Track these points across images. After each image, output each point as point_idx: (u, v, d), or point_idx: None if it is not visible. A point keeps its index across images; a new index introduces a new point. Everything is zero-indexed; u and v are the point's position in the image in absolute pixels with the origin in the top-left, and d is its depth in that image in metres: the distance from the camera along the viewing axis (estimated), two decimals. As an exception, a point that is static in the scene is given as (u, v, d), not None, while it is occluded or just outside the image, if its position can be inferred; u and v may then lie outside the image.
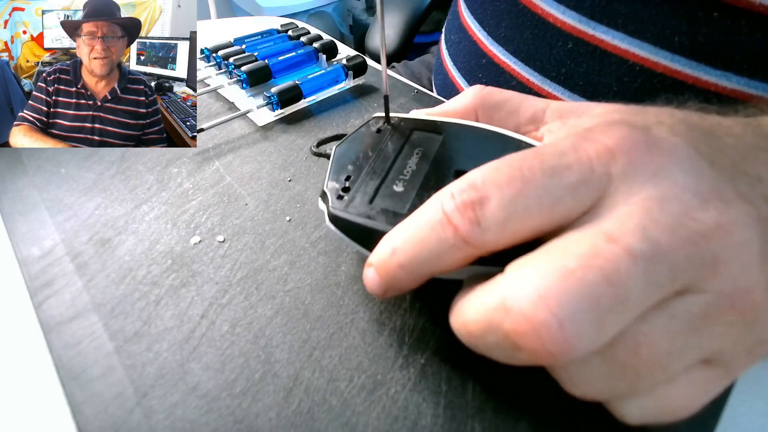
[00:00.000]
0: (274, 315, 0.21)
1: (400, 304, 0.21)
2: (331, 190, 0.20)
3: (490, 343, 0.14)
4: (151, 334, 0.20)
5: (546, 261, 0.13)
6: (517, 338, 0.13)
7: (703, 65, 0.26)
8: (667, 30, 0.27)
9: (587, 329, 0.12)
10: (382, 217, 0.18)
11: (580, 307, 0.12)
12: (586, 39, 0.30)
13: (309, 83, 0.35)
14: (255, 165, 0.29)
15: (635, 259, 0.12)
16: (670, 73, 0.27)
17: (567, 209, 0.14)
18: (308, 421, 0.17)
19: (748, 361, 0.14)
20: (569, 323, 0.12)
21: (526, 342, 0.12)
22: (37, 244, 0.24)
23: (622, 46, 0.28)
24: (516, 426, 0.17)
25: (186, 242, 0.24)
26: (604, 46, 0.29)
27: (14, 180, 0.28)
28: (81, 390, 0.18)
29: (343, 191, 0.20)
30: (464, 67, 0.41)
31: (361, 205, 0.19)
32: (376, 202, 0.19)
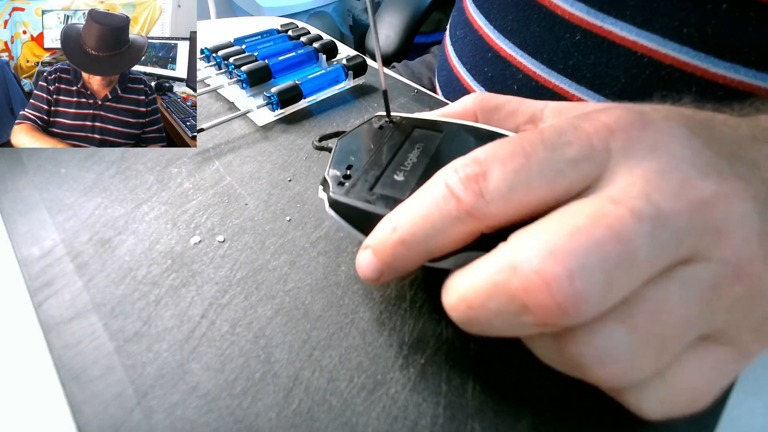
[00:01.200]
0: (274, 315, 0.21)
1: (400, 304, 0.21)
2: (332, 177, 0.20)
3: (492, 310, 0.14)
4: (151, 334, 0.20)
5: (554, 223, 0.13)
6: (525, 296, 0.13)
7: (712, 57, 0.26)
8: (675, 21, 0.27)
9: (597, 284, 0.12)
10: (382, 203, 0.18)
11: (590, 262, 0.12)
12: (594, 31, 0.30)
13: (309, 83, 0.35)
14: (255, 165, 0.29)
15: (641, 219, 0.12)
16: (678, 64, 0.27)
17: (569, 182, 0.14)
18: (308, 421, 0.17)
19: (756, 340, 0.14)
20: (579, 277, 0.12)
21: (536, 298, 0.12)
22: (37, 244, 0.24)
23: (630, 37, 0.29)
24: (516, 426, 0.17)
25: (186, 242, 0.24)
26: (612, 37, 0.29)
27: (14, 180, 0.28)
28: (81, 390, 0.18)
29: (344, 178, 0.20)
30: (470, 62, 0.41)
31: (362, 191, 0.19)
32: (377, 189, 0.19)
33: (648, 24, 0.28)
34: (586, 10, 0.30)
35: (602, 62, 0.30)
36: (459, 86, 0.42)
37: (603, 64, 0.30)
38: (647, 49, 0.28)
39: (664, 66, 0.28)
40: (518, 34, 0.35)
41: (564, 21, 0.31)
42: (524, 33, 0.34)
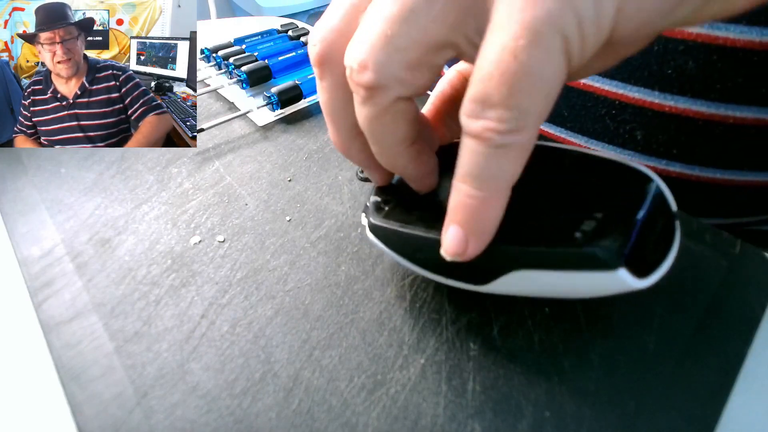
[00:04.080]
0: (274, 315, 0.21)
1: (400, 304, 0.21)
2: (372, 203, 0.20)
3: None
4: (151, 334, 0.20)
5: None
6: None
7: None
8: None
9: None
10: (420, 224, 0.18)
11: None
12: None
13: (309, 83, 0.35)
14: (255, 165, 0.29)
15: None
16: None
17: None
18: (308, 421, 0.17)
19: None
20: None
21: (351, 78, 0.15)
22: (37, 244, 0.24)
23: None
24: (516, 426, 0.17)
25: (186, 242, 0.24)
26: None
27: (14, 180, 0.28)
28: (81, 390, 0.18)
29: (383, 203, 0.20)
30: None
31: (400, 213, 0.19)
32: (415, 212, 0.19)
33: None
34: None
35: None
36: None
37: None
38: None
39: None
40: None
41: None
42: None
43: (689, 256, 0.22)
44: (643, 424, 0.17)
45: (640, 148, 0.30)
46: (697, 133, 0.28)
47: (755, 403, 0.18)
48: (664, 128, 0.29)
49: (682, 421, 0.17)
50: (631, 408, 0.17)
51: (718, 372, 0.19)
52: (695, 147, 0.29)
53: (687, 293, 0.21)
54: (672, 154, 0.30)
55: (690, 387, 0.18)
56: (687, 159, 0.30)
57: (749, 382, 0.19)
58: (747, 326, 0.20)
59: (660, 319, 0.20)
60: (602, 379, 0.18)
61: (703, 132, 0.28)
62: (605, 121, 0.31)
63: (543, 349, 0.19)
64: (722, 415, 0.18)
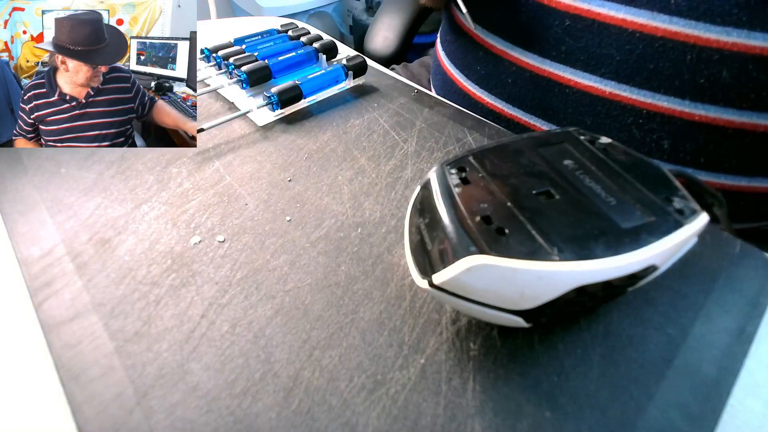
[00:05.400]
0: (274, 315, 0.21)
1: (400, 304, 0.21)
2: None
3: None
4: (151, 334, 0.20)
5: None
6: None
7: (703, 23, 0.27)
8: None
9: None
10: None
11: None
12: (582, 14, 0.30)
13: (309, 83, 0.35)
14: (255, 165, 0.29)
15: None
16: (670, 35, 0.28)
17: None
18: (308, 421, 0.17)
19: None
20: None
21: None
22: (37, 244, 0.24)
23: (619, 15, 0.29)
24: (516, 426, 0.17)
25: (186, 242, 0.24)
26: (601, 18, 0.30)
27: (14, 180, 0.28)
28: (81, 390, 0.18)
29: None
30: (462, 63, 0.41)
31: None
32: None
33: (633, 1, 0.28)
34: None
35: (594, 44, 0.30)
36: (454, 88, 0.42)
37: (596, 45, 0.30)
38: (637, 25, 0.28)
39: (656, 38, 0.28)
40: (507, 29, 0.35)
41: (551, 9, 0.32)
42: (513, 27, 0.35)
43: (689, 256, 0.22)
44: (643, 424, 0.17)
45: (666, 157, 0.31)
46: (727, 141, 0.29)
47: (755, 403, 0.18)
48: (693, 137, 0.29)
49: (682, 421, 0.17)
50: (631, 408, 0.17)
51: (718, 371, 0.19)
52: (723, 155, 0.30)
53: (687, 293, 0.21)
54: (699, 163, 0.30)
55: (690, 387, 0.18)
56: (714, 167, 0.30)
57: (749, 382, 0.19)
58: (747, 326, 0.20)
59: (660, 318, 0.20)
60: (602, 379, 0.18)
61: (732, 140, 0.29)
62: (631, 130, 0.31)
63: (543, 349, 0.19)
64: (722, 414, 0.18)
